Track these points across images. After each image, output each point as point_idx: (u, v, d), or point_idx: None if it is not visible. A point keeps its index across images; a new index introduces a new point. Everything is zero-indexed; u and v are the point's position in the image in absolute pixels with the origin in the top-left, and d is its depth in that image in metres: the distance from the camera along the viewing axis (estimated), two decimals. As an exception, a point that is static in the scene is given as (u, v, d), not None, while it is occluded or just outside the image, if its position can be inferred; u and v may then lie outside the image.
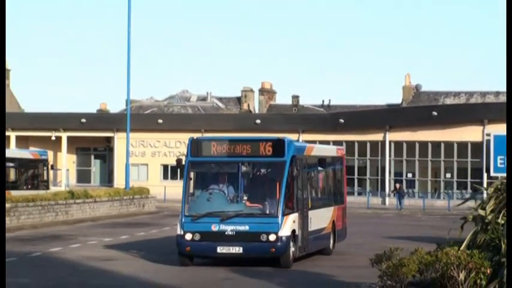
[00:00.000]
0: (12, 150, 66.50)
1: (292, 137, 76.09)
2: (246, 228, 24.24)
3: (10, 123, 71.72)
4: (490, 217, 16.95)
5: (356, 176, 72.09)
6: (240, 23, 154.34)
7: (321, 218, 29.03)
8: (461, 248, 16.41)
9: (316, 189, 30.52)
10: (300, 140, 77.34)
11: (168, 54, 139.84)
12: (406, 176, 70.17)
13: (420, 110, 72.82)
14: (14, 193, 47.90)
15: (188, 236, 24.53)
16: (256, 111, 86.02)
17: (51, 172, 62.24)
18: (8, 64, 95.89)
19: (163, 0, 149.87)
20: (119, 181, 76.04)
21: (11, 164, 57.00)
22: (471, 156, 65.15)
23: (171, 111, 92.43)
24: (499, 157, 16.63)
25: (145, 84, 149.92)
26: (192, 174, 26.25)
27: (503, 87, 72.55)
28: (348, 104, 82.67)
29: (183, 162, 26.96)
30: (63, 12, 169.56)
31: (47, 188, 59.51)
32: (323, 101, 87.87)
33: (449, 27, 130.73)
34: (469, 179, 64.90)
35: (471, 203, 20.47)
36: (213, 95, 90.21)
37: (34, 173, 58.64)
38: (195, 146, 26.53)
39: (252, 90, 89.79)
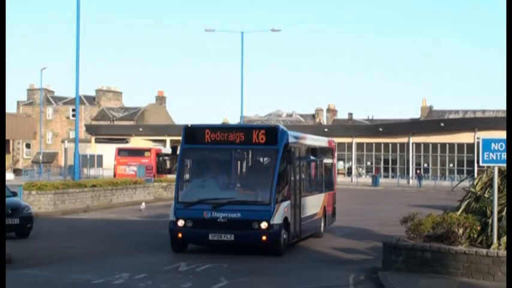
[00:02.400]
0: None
1: (347, 140, 75.59)
2: (237, 215, 17.87)
3: (167, 131, 70.67)
4: (479, 192, 16.40)
5: (390, 165, 69.89)
6: (315, 62, 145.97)
7: (313, 205, 22.50)
8: (459, 212, 15.80)
9: (309, 177, 23.45)
10: (354, 144, 76.02)
11: (269, 81, 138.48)
12: (423, 166, 68.13)
13: (432, 122, 74.00)
14: (169, 176, 45.62)
15: (180, 223, 18.22)
16: (325, 123, 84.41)
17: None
18: (164, 93, 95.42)
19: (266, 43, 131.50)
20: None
21: (167, 158, 56.16)
22: (466, 153, 66.77)
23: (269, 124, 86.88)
24: (485, 153, 15.64)
25: (253, 103, 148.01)
26: (185, 161, 19.75)
27: (488, 107, 71.84)
28: (384, 118, 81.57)
29: (178, 150, 20.39)
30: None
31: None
32: (368, 116, 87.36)
33: (453, 65, 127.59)
34: (465, 168, 65.81)
35: (465, 183, 19.61)
36: (296, 113, 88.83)
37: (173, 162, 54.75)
38: (189, 134, 19.72)
39: (322, 109, 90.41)
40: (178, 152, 20.13)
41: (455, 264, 15.17)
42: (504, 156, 15.19)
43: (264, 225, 17.87)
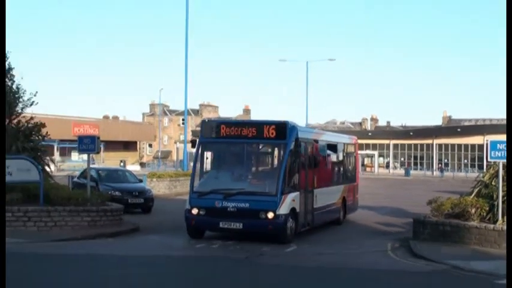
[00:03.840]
0: None
1: (386, 142, 74.77)
2: (246, 205, 15.06)
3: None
4: (487, 181, 16.09)
5: (418, 160, 69.22)
6: (362, 80, 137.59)
7: (329, 195, 18.95)
8: (472, 196, 15.58)
9: (325, 170, 19.32)
10: (391, 145, 74.96)
11: (327, 96, 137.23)
12: (444, 161, 67.39)
13: (451, 128, 72.76)
14: None
15: (194, 211, 15.57)
16: (369, 129, 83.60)
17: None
18: (249, 106, 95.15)
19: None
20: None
21: None
22: (477, 151, 63.55)
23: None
24: (492, 151, 15.38)
25: (315, 114, 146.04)
26: (201, 154, 16.54)
27: (494, 116, 71.28)
28: (414, 125, 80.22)
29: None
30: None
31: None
32: (402, 123, 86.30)
33: (468, 82, 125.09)
34: (476, 163, 63.85)
35: (475, 174, 19.27)
36: (347, 121, 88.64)
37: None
38: (206, 128, 16.92)
39: (366, 118, 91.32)
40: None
41: (469, 235, 15.05)
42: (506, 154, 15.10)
43: (270, 215, 14.97)
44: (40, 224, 16.33)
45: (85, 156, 20.20)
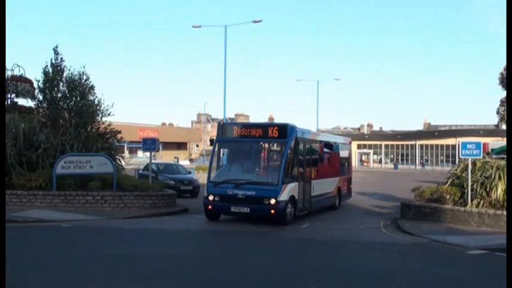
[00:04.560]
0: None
1: (379, 143, 74.04)
2: (252, 193, 14.32)
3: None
4: (459, 174, 15.84)
5: (405, 157, 69.64)
6: (361, 93, 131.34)
7: (325, 185, 18.06)
8: (447, 185, 15.35)
9: (322, 164, 18.13)
10: (383, 145, 74.13)
11: (330, 108, 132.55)
12: (424, 158, 67.39)
13: (430, 132, 72.91)
14: None
15: (211, 197, 14.86)
16: (365, 133, 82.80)
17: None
18: (273, 115, 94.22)
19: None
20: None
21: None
22: (451, 150, 63.18)
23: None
24: (463, 150, 15.03)
25: (324, 122, 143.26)
26: (217, 150, 15.66)
27: (465, 122, 70.31)
28: (401, 129, 78.96)
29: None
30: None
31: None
32: (391, 128, 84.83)
33: (447, 92, 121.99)
34: (450, 159, 62.49)
35: (448, 168, 18.92)
36: (349, 126, 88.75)
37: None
38: (221, 129, 15.98)
39: (363, 124, 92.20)
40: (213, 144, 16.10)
41: (445, 216, 14.77)
42: (475, 152, 14.94)
43: (272, 201, 14.16)
44: (113, 205, 16.42)
45: (148, 154, 20.32)
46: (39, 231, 12.51)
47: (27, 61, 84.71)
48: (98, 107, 19.59)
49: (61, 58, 19.41)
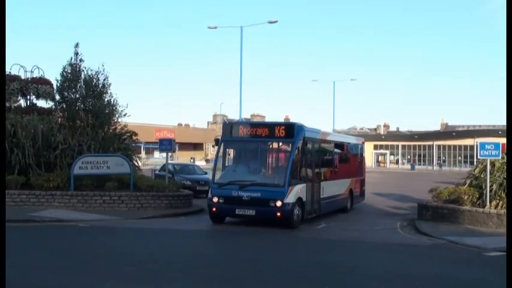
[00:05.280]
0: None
1: (396, 143, 73.52)
2: (258, 195, 13.50)
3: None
4: (477, 174, 15.70)
5: (422, 158, 68.91)
6: (378, 94, 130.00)
7: (335, 187, 17.06)
8: (465, 186, 15.17)
9: (332, 165, 17.07)
10: (400, 146, 73.55)
11: (347, 110, 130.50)
12: (442, 158, 66.97)
13: (448, 132, 73.33)
14: None
15: (215, 199, 14.05)
16: (382, 133, 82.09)
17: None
18: (289, 116, 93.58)
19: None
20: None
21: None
22: (469, 150, 63.13)
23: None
24: (482, 150, 14.82)
25: (340, 122, 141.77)
26: (222, 150, 14.88)
27: (483, 122, 69.43)
28: (418, 130, 78.30)
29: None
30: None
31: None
32: (408, 128, 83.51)
33: (465, 92, 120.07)
34: (468, 159, 62.11)
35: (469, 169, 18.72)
36: (365, 127, 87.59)
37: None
38: (226, 128, 15.38)
39: (380, 125, 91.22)
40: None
41: (462, 217, 14.66)
42: (493, 152, 14.77)
43: (278, 203, 13.39)
44: (130, 205, 16.45)
45: (164, 155, 20.43)
46: (57, 231, 12.61)
47: (46, 62, 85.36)
48: (114, 108, 19.68)
49: (80, 59, 19.65)
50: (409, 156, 74.32)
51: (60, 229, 12.80)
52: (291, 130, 14.32)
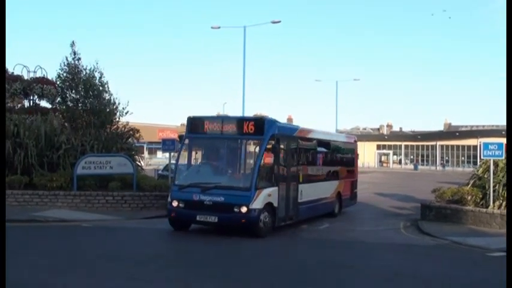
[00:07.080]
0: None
1: (399, 143, 73.33)
2: (221, 199, 11.77)
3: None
4: (481, 174, 15.61)
5: (425, 158, 69.51)
6: (381, 94, 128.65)
7: (318, 190, 15.15)
8: (468, 186, 15.11)
9: (314, 166, 15.27)
10: (403, 146, 73.38)
11: (350, 109, 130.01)
12: (445, 158, 66.30)
13: (451, 133, 72.96)
14: None
15: (175, 203, 12.33)
16: (385, 133, 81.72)
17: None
18: (292, 115, 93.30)
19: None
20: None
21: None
22: (472, 151, 63.61)
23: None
24: (485, 151, 14.78)
25: (342, 121, 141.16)
26: (185, 148, 13.36)
27: (486, 123, 69.25)
28: (421, 130, 77.94)
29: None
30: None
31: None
32: (411, 129, 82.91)
33: (467, 93, 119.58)
34: (471, 160, 61.81)
35: (471, 169, 18.64)
36: (368, 127, 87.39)
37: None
38: (191, 124, 13.31)
39: (383, 125, 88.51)
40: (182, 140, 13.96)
41: (466, 217, 14.63)
42: (497, 152, 14.71)
43: (243, 209, 11.66)
44: (133, 205, 16.40)
45: (167, 154, 20.42)
46: (60, 230, 12.62)
47: (47, 62, 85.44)
48: (115, 107, 19.67)
49: (78, 58, 19.61)
50: (412, 157, 74.27)
51: (63, 229, 12.81)
52: (260, 126, 12.47)
